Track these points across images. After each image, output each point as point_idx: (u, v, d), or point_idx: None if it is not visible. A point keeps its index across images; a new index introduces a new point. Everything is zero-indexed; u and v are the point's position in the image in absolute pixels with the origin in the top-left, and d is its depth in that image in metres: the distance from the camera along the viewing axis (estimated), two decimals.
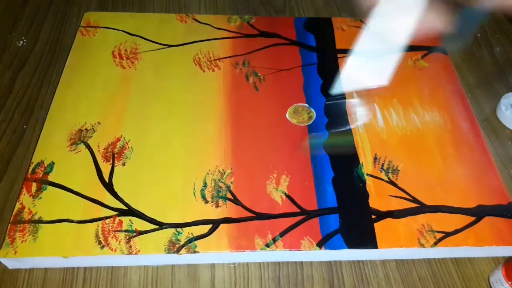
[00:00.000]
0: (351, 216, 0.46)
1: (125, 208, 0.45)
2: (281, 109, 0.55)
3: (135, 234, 0.43)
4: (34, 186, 0.46)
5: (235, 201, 0.46)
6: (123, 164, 0.48)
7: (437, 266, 0.46)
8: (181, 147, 0.50)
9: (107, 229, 0.43)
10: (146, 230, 0.43)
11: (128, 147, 0.50)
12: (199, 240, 0.43)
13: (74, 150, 0.49)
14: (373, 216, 0.46)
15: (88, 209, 0.45)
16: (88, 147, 0.50)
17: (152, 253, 0.42)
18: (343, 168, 0.50)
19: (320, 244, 0.44)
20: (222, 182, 0.48)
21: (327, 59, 0.61)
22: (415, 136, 0.54)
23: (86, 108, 0.53)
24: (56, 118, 0.52)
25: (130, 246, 0.42)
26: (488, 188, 0.49)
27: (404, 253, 0.45)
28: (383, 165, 0.51)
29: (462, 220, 0.46)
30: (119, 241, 0.43)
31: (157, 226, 0.44)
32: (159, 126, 0.52)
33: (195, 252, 0.42)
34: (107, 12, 0.67)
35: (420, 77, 0.60)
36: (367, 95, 0.57)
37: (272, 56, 0.61)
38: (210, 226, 0.44)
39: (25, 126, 0.54)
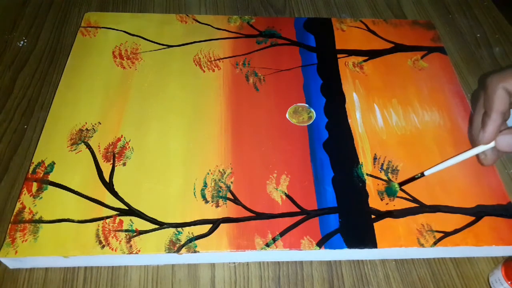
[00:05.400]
0: (351, 216, 0.46)
1: (126, 208, 0.45)
2: (281, 109, 0.55)
3: (135, 233, 0.43)
4: (34, 186, 0.46)
5: (235, 201, 0.47)
6: (124, 164, 0.49)
7: (436, 266, 0.46)
8: (181, 147, 0.51)
9: (107, 229, 0.43)
10: (146, 230, 0.44)
11: (129, 147, 0.50)
12: (199, 240, 0.43)
13: (74, 150, 0.49)
14: (373, 216, 0.46)
15: (89, 209, 0.45)
16: (89, 147, 0.50)
17: (152, 252, 0.42)
18: (343, 168, 0.50)
19: (320, 244, 0.44)
20: (222, 182, 0.48)
21: (327, 59, 0.62)
22: (414, 136, 0.54)
23: (87, 108, 0.53)
24: (57, 118, 0.52)
25: (131, 246, 0.42)
26: (488, 188, 0.49)
27: (404, 252, 0.46)
28: (382, 165, 0.51)
29: (461, 220, 0.47)
30: (120, 241, 0.43)
31: (158, 226, 0.44)
32: (160, 126, 0.52)
33: (195, 251, 0.42)
34: (108, 13, 0.67)
35: (419, 77, 0.61)
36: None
37: (272, 56, 0.61)
38: (210, 226, 0.44)
39: (25, 126, 0.54)
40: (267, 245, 0.43)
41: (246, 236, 0.44)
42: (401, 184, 0.48)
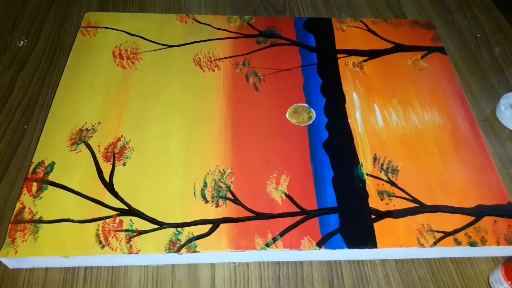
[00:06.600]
0: (350, 216, 0.46)
1: (126, 208, 0.45)
2: (281, 109, 0.55)
3: (135, 233, 0.43)
4: (34, 186, 0.46)
5: (235, 201, 0.47)
6: (124, 164, 0.49)
7: (436, 266, 0.46)
8: (181, 147, 0.51)
9: (107, 229, 0.43)
10: (146, 230, 0.44)
11: (129, 147, 0.50)
12: (199, 240, 0.43)
13: (74, 150, 0.49)
14: (373, 216, 0.46)
15: (89, 209, 0.45)
16: (89, 147, 0.50)
17: (152, 252, 0.42)
18: (343, 168, 0.50)
19: (320, 244, 0.44)
20: (222, 182, 0.48)
21: (327, 59, 0.62)
22: (414, 136, 0.54)
23: (87, 108, 0.53)
24: (57, 118, 0.52)
25: (131, 246, 0.42)
26: (488, 188, 0.49)
27: (404, 252, 0.46)
28: (382, 165, 0.51)
29: (461, 220, 0.47)
30: (120, 241, 0.43)
31: (158, 226, 0.44)
32: (160, 126, 0.52)
33: (195, 251, 0.42)
34: (108, 13, 0.67)
35: (419, 77, 0.61)
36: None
37: (272, 56, 0.61)
38: (210, 226, 0.44)
39: (25, 126, 0.54)
40: (267, 245, 0.43)
41: (246, 236, 0.44)
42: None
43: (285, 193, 0.48)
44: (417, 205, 0.48)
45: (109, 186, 0.47)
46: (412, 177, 0.50)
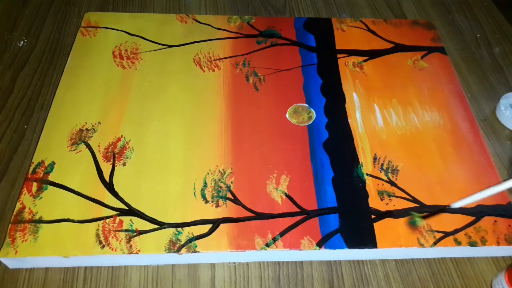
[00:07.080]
0: (350, 216, 0.46)
1: (126, 208, 0.45)
2: (281, 109, 0.55)
3: (135, 233, 0.43)
4: (34, 186, 0.46)
5: (235, 201, 0.47)
6: (124, 164, 0.49)
7: (436, 266, 0.46)
8: (181, 147, 0.51)
9: (107, 229, 0.43)
10: (146, 230, 0.44)
11: (129, 147, 0.50)
12: (199, 240, 0.43)
13: (74, 150, 0.49)
14: (373, 216, 0.46)
15: (89, 209, 0.45)
16: (89, 147, 0.50)
17: (152, 252, 0.42)
18: (343, 168, 0.50)
19: (320, 244, 0.44)
20: (222, 182, 0.48)
21: (327, 59, 0.62)
22: (414, 136, 0.54)
23: (87, 108, 0.53)
24: (57, 118, 0.52)
25: (131, 246, 0.42)
26: (488, 188, 0.49)
27: (404, 252, 0.46)
28: (382, 165, 0.51)
29: (461, 220, 0.47)
30: (120, 241, 0.43)
31: (158, 226, 0.44)
32: (160, 126, 0.52)
33: (195, 251, 0.43)
34: (108, 13, 0.67)
35: (419, 77, 0.61)
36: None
37: (272, 56, 0.61)
38: (210, 226, 0.44)
39: (25, 126, 0.54)
40: (267, 245, 0.43)
41: (246, 236, 0.44)
42: (425, 217, 0.46)
43: (285, 193, 0.48)
44: (417, 205, 0.48)
45: (109, 186, 0.47)
46: (412, 177, 0.50)
